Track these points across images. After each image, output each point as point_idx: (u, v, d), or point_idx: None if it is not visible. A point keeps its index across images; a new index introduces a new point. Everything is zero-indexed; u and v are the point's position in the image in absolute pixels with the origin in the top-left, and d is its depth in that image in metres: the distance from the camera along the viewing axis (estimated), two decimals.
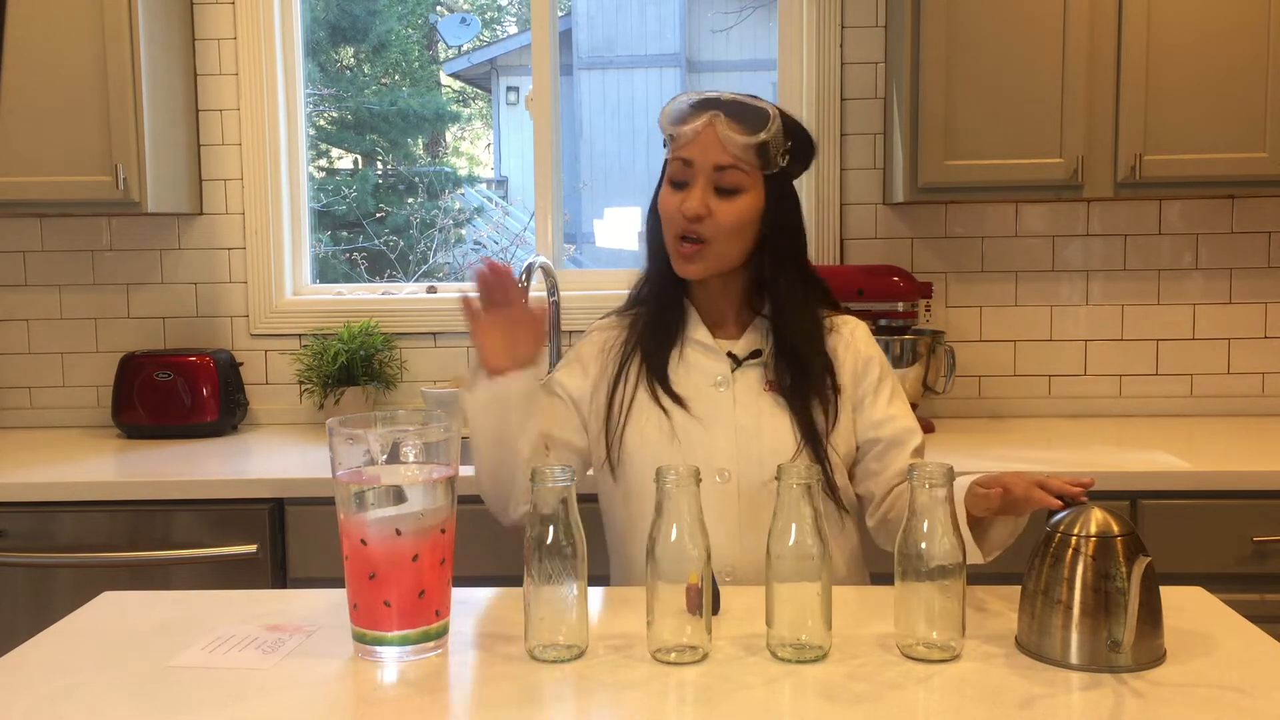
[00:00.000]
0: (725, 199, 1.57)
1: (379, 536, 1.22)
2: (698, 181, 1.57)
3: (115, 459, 2.48)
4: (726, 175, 1.56)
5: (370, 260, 4.20)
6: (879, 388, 1.66)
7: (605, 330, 1.73)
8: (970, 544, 1.34)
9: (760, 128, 1.55)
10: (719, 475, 1.58)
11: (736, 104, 1.58)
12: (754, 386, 1.62)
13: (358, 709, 1.13)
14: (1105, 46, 2.41)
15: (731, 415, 1.61)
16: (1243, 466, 2.19)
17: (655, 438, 1.60)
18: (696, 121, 1.57)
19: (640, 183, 5.63)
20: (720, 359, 1.64)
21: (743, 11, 5.32)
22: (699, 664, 1.20)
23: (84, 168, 2.49)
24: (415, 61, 5.43)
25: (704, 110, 1.57)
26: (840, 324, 1.70)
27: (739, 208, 1.57)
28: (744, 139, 1.55)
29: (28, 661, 1.25)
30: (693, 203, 1.56)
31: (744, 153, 1.56)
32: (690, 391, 1.62)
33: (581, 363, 1.70)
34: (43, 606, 2.15)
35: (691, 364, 1.64)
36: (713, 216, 1.56)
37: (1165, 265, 2.77)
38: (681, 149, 1.58)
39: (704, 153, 1.57)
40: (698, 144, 1.57)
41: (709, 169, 1.56)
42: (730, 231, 1.57)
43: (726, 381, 1.62)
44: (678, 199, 1.58)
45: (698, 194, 1.56)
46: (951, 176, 2.45)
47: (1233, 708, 1.08)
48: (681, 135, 1.58)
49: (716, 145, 1.56)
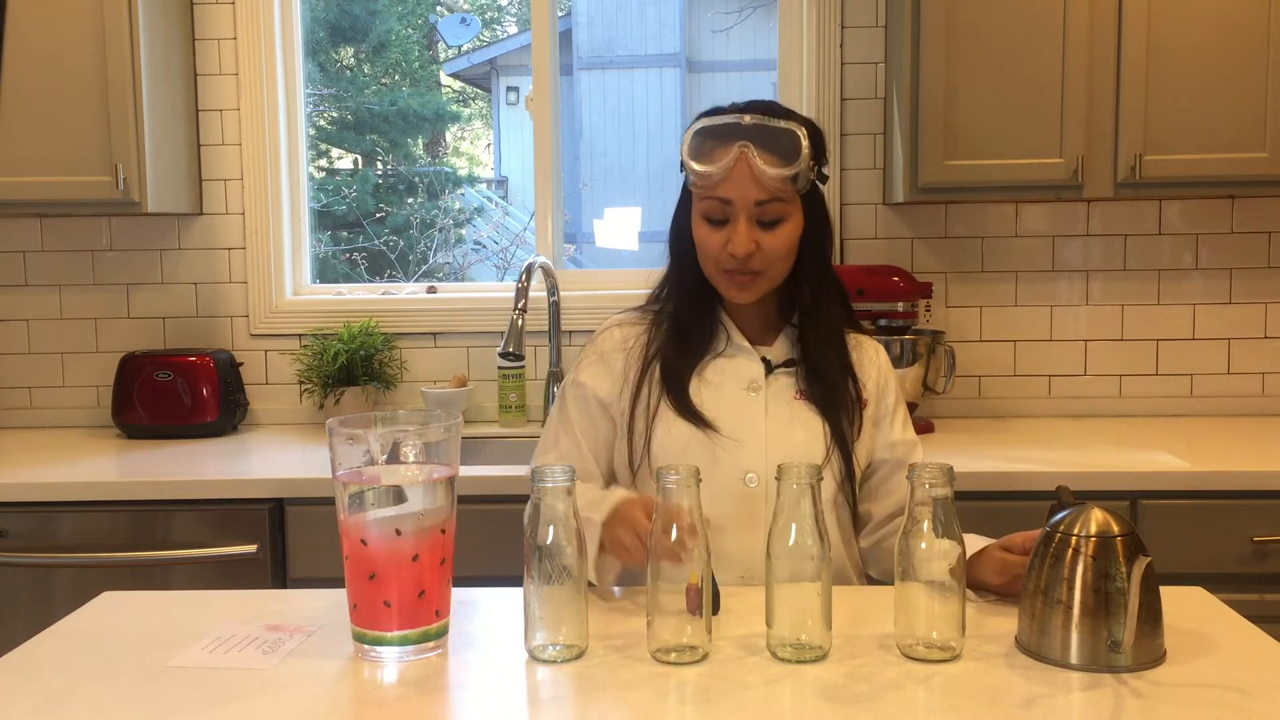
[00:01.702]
0: (768, 231, 1.54)
1: (379, 536, 1.22)
2: (739, 219, 1.52)
3: (115, 459, 2.48)
4: (769, 209, 1.53)
5: (370, 260, 4.21)
6: (895, 410, 1.68)
7: (625, 326, 1.69)
8: None
9: (794, 156, 1.51)
10: (747, 481, 1.58)
11: (764, 130, 1.51)
12: (784, 394, 1.61)
13: (358, 709, 1.13)
14: (1105, 46, 2.41)
15: (763, 422, 1.59)
16: (1243, 466, 2.19)
17: (686, 441, 1.58)
18: (726, 158, 1.51)
19: (640, 183, 5.64)
20: (755, 361, 1.62)
21: (743, 11, 5.32)
22: (699, 664, 1.20)
23: (84, 168, 2.49)
24: (415, 61, 5.43)
25: (731, 142, 1.51)
26: (864, 342, 1.70)
27: (785, 236, 1.55)
28: (780, 171, 1.50)
29: (28, 661, 1.25)
30: (741, 242, 1.52)
31: (781, 184, 1.52)
32: (719, 400, 1.60)
33: (605, 361, 1.66)
34: (43, 606, 2.15)
35: (725, 369, 1.62)
36: (761, 250, 1.54)
37: (1165, 265, 2.77)
38: (716, 189, 1.53)
39: (741, 190, 1.51)
40: (733, 182, 1.51)
41: (749, 205, 1.52)
42: (779, 260, 1.56)
43: (759, 386, 1.61)
44: (720, 238, 1.54)
45: (743, 232, 1.52)
46: (951, 176, 2.45)
47: (1233, 708, 1.08)
48: (711, 174, 1.52)
49: (752, 181, 1.51)
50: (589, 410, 1.64)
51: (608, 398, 1.64)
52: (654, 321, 1.67)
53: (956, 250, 2.78)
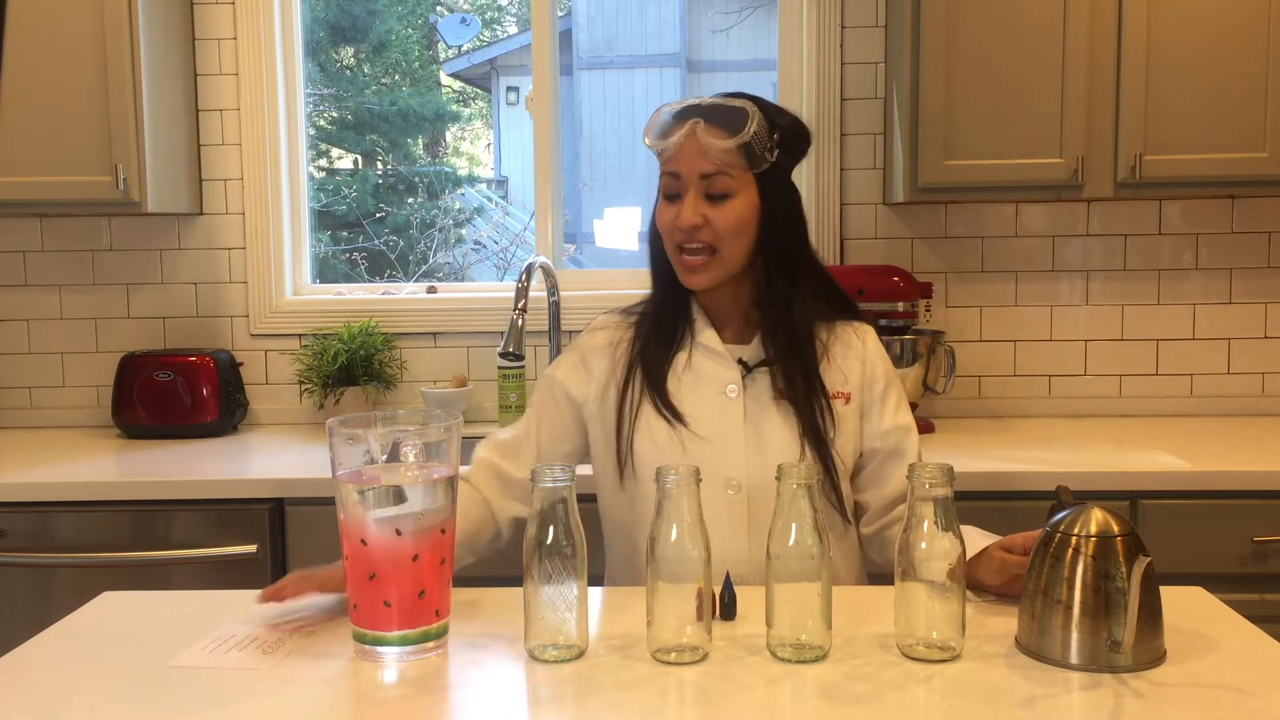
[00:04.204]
0: (717, 205, 1.56)
1: (379, 536, 1.22)
2: (688, 192, 1.56)
3: (115, 459, 2.48)
4: (715, 182, 1.56)
5: (370, 260, 4.20)
6: (885, 396, 1.66)
7: (610, 329, 1.71)
8: None
9: (739, 129, 1.54)
10: (730, 487, 1.58)
11: (715, 107, 1.57)
12: (764, 396, 1.61)
13: (358, 709, 1.13)
14: (1105, 46, 2.41)
15: (741, 426, 1.60)
16: (1243, 466, 2.19)
17: (666, 446, 1.59)
18: (678, 133, 1.56)
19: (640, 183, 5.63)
20: (730, 366, 1.62)
21: (743, 11, 5.32)
22: (699, 664, 1.20)
23: (84, 168, 2.49)
24: (415, 61, 5.43)
25: (685, 119, 1.57)
26: (852, 329, 1.69)
27: (733, 211, 1.56)
28: (724, 143, 1.54)
29: (28, 661, 1.25)
30: (686, 214, 1.55)
31: (727, 156, 1.55)
32: (699, 401, 1.61)
33: (585, 363, 1.69)
34: (43, 606, 2.15)
35: (701, 372, 1.63)
36: (709, 224, 1.56)
37: (1165, 265, 2.77)
38: (668, 162, 1.59)
39: (689, 163, 1.56)
40: (682, 155, 1.56)
41: (695, 178, 1.56)
42: (729, 235, 1.56)
43: (738, 390, 1.61)
44: (672, 212, 1.58)
45: (690, 204, 1.56)
46: (951, 176, 2.45)
47: (1233, 708, 1.08)
48: (666, 149, 1.58)
49: (699, 153, 1.55)
50: (556, 402, 1.69)
51: (580, 398, 1.68)
52: (637, 323, 1.69)
53: (956, 250, 2.78)
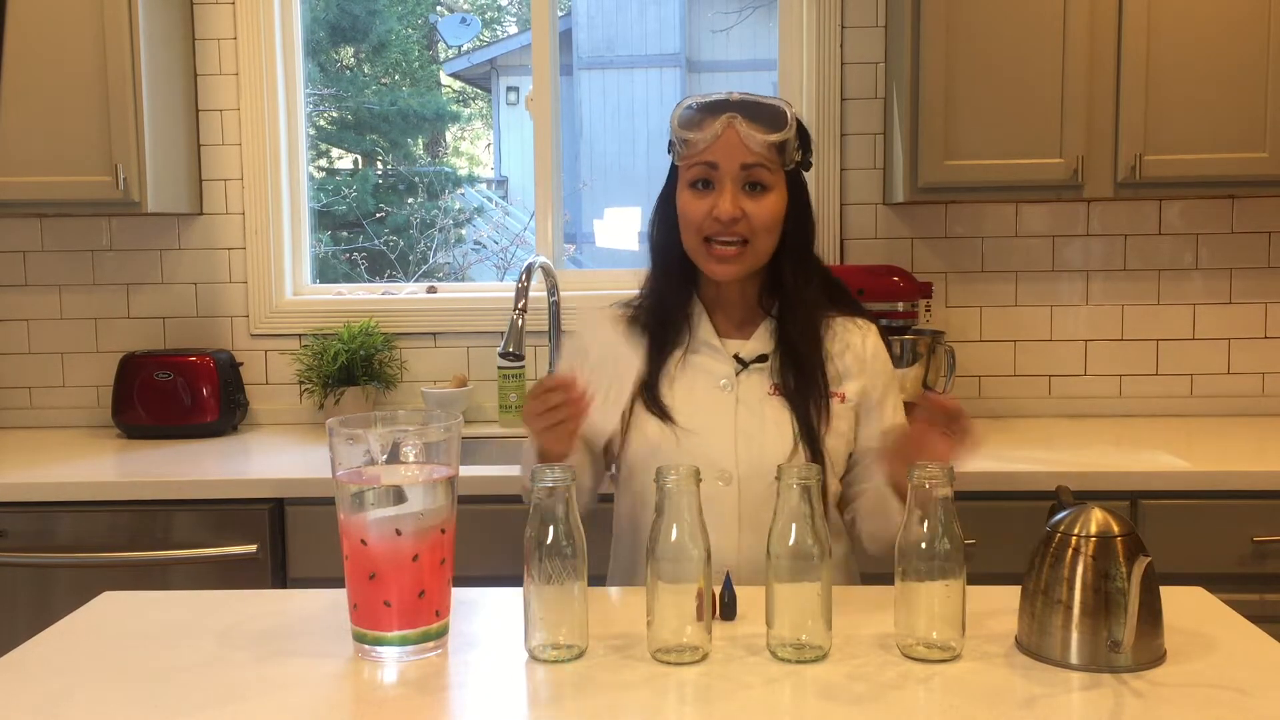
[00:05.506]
0: (756, 197, 1.57)
1: (379, 536, 1.22)
2: (725, 183, 1.56)
3: (115, 459, 2.48)
4: (755, 173, 1.56)
5: (370, 260, 4.20)
6: (885, 397, 1.67)
7: (607, 324, 1.70)
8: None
9: (780, 126, 1.56)
10: (720, 479, 1.58)
11: (752, 104, 1.58)
12: (758, 390, 1.62)
13: (358, 709, 1.13)
14: (1105, 46, 2.40)
15: (733, 419, 1.60)
16: (1243, 466, 2.19)
17: (657, 441, 1.60)
18: (714, 124, 1.55)
19: (640, 183, 5.63)
20: (726, 361, 1.63)
21: (743, 11, 5.32)
22: (699, 664, 1.20)
23: (84, 168, 2.49)
24: (415, 61, 5.43)
25: (719, 113, 1.56)
26: (854, 326, 1.69)
27: (770, 205, 1.57)
28: (766, 137, 1.55)
29: (28, 661, 1.25)
30: (726, 205, 1.55)
31: (767, 151, 1.56)
32: (692, 395, 1.61)
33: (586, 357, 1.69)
34: (43, 606, 2.15)
35: (697, 366, 1.64)
36: (746, 217, 1.56)
37: (1165, 265, 2.77)
38: (704, 153, 1.57)
39: (728, 154, 1.55)
40: (721, 146, 1.56)
41: (735, 169, 1.55)
42: (763, 229, 1.57)
43: (730, 384, 1.62)
44: (706, 203, 1.57)
45: (729, 196, 1.55)
46: (951, 176, 2.45)
47: (1233, 708, 1.08)
48: (700, 140, 1.56)
49: (740, 145, 1.55)
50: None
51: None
52: (633, 317, 1.69)
53: (956, 250, 2.78)
